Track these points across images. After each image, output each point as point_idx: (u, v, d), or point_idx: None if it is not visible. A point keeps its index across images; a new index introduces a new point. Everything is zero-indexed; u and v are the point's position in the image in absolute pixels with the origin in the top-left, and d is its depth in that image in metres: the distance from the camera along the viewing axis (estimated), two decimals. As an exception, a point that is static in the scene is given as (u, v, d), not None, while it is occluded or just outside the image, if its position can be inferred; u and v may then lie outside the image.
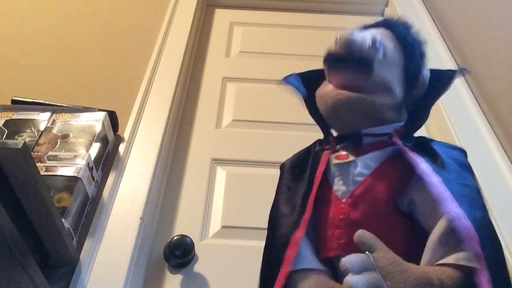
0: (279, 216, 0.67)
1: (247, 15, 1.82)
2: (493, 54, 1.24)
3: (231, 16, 1.82)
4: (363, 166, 0.63)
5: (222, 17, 1.81)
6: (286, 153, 0.77)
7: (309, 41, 1.69)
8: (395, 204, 0.61)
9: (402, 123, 0.67)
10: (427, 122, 0.70)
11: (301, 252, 0.62)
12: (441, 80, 0.67)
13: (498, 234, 0.56)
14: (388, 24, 0.71)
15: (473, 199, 0.57)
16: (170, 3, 1.68)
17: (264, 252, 0.67)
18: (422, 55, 0.69)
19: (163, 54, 1.46)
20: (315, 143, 0.74)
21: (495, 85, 1.20)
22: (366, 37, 0.65)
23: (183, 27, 1.57)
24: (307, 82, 0.74)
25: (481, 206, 0.57)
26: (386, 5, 1.82)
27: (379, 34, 0.68)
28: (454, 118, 1.24)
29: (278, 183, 0.72)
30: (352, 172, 0.64)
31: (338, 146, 0.68)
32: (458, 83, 1.34)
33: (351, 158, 0.65)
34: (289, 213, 0.65)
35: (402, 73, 0.66)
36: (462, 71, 0.67)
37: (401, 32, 0.69)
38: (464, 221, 0.52)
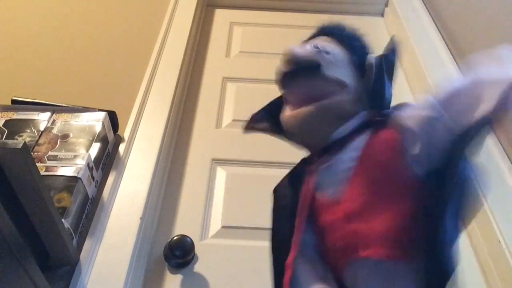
0: (276, 241, 0.67)
1: (247, 15, 1.82)
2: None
3: (231, 16, 1.82)
4: (349, 152, 0.63)
5: (222, 17, 1.81)
6: (286, 153, 0.77)
7: (309, 41, 1.69)
8: (402, 170, 0.59)
9: (364, 112, 0.67)
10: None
11: (299, 277, 0.62)
12: (387, 57, 0.68)
13: (498, 235, 0.55)
14: (324, 31, 0.75)
15: None
16: (170, 3, 1.68)
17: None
18: (362, 46, 0.72)
19: (163, 54, 1.46)
20: (300, 162, 0.74)
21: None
22: (305, 47, 0.70)
23: (183, 27, 1.57)
24: (273, 113, 0.77)
25: None
26: (386, 5, 1.83)
27: (318, 40, 0.72)
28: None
29: (272, 208, 0.72)
30: (339, 165, 0.63)
31: (320, 158, 0.68)
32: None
33: (334, 157, 0.65)
34: (282, 239, 0.65)
35: (349, 66, 0.68)
36: (394, 43, 0.69)
37: (337, 33, 0.73)
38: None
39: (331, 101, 0.65)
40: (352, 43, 0.71)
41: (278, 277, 0.64)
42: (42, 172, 0.92)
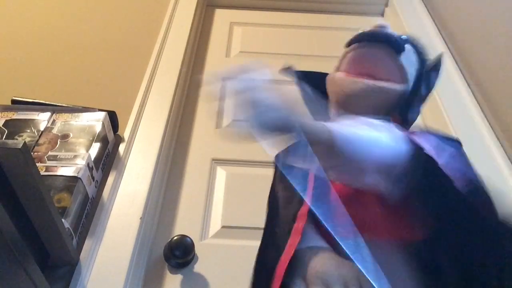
0: (280, 198, 0.68)
1: (247, 15, 1.82)
2: (493, 53, 1.24)
3: (231, 16, 1.82)
4: None
5: (222, 17, 1.81)
6: (286, 153, 0.77)
7: (309, 41, 1.69)
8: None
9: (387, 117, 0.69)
10: (424, 118, 0.72)
11: (306, 231, 0.63)
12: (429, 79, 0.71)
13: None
14: (408, 40, 0.76)
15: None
16: (170, 3, 1.68)
17: (265, 232, 0.67)
18: (426, 65, 0.74)
19: (163, 54, 1.46)
20: None
21: (494, 84, 1.20)
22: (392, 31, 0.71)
23: (183, 27, 1.57)
24: (307, 79, 0.77)
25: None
26: (386, 5, 1.82)
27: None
28: (453, 118, 1.24)
29: (275, 171, 0.73)
30: None
31: None
32: (458, 83, 1.34)
33: None
34: (291, 195, 0.66)
35: (415, 75, 0.70)
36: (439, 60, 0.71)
37: (417, 45, 0.75)
38: None
39: (392, 89, 0.66)
40: (425, 60, 0.73)
41: (269, 237, 0.65)
42: (42, 172, 0.92)
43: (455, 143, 0.67)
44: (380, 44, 0.68)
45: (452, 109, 1.26)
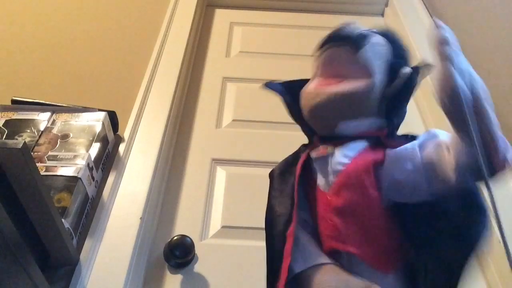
0: (274, 217, 0.68)
1: (247, 15, 1.82)
2: (493, 53, 1.24)
3: (231, 16, 1.82)
4: (341, 155, 0.65)
5: (222, 17, 1.81)
6: (286, 153, 0.77)
7: (309, 41, 1.68)
8: (378, 189, 0.62)
9: (378, 119, 0.68)
10: (425, 119, 0.71)
11: (308, 249, 0.63)
12: (411, 77, 0.68)
13: (498, 235, 0.56)
14: (381, 33, 0.74)
15: None
16: (170, 3, 1.68)
17: (266, 253, 0.68)
18: (403, 55, 0.72)
19: (163, 54, 1.46)
20: (299, 148, 0.75)
21: (495, 84, 1.20)
22: (359, 26, 0.70)
23: (183, 27, 1.57)
24: (290, 90, 0.77)
25: None
26: (386, 5, 1.82)
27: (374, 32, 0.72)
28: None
29: (269, 189, 0.74)
30: (331, 163, 0.65)
31: (321, 144, 0.70)
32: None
33: (329, 150, 0.66)
34: (283, 212, 0.66)
35: (385, 66, 0.68)
36: (426, 66, 0.69)
37: (391, 36, 0.73)
38: None
39: (354, 90, 0.65)
40: (397, 47, 0.71)
41: (272, 249, 0.65)
42: (42, 172, 0.92)
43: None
44: (340, 44, 0.68)
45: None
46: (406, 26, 1.61)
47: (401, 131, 0.70)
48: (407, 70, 0.67)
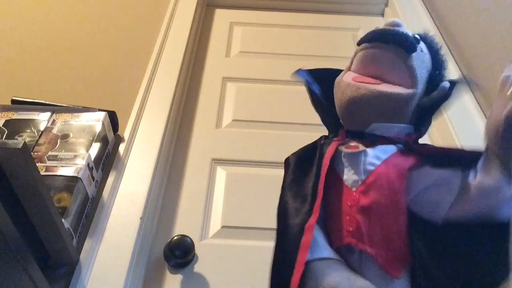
0: (289, 208, 0.67)
1: (247, 15, 1.82)
2: (493, 54, 1.24)
3: (231, 16, 1.82)
4: (373, 156, 0.64)
5: (222, 17, 1.81)
6: (286, 153, 0.77)
7: (309, 41, 1.69)
8: (406, 195, 0.61)
9: (409, 126, 0.68)
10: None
11: (317, 241, 0.62)
12: (448, 92, 0.68)
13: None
14: (422, 37, 0.73)
15: None
16: (170, 3, 1.68)
17: (276, 245, 0.66)
18: (443, 68, 0.72)
19: (163, 54, 1.46)
20: (320, 138, 0.74)
21: (495, 85, 1.20)
22: (406, 29, 0.69)
23: (183, 27, 1.57)
24: (317, 78, 0.75)
25: None
26: (386, 5, 1.82)
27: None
28: (454, 118, 1.24)
29: (284, 177, 0.72)
30: (363, 161, 0.64)
31: (347, 139, 0.69)
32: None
33: (361, 148, 0.65)
34: (300, 205, 0.65)
35: (426, 75, 0.68)
36: (468, 82, 0.69)
37: (433, 44, 0.72)
38: None
39: (396, 94, 0.64)
40: (439, 59, 0.71)
41: (282, 239, 0.64)
42: (42, 172, 0.92)
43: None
44: (389, 45, 0.66)
45: (452, 109, 1.26)
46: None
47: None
48: (446, 85, 0.67)
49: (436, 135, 1.29)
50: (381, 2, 1.83)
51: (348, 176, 0.65)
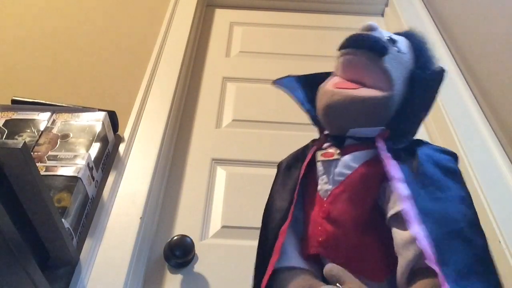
0: (273, 212, 0.68)
1: (247, 15, 1.82)
2: (493, 53, 1.24)
3: (231, 16, 1.82)
4: (344, 166, 0.64)
5: (222, 17, 1.81)
6: (286, 153, 0.77)
7: (309, 41, 1.69)
8: (374, 206, 0.61)
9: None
10: (427, 123, 0.70)
11: (286, 249, 0.63)
12: (428, 85, 0.66)
13: (498, 235, 0.56)
14: (407, 35, 0.73)
15: (441, 215, 0.55)
16: (170, 3, 1.68)
17: (258, 248, 0.68)
18: (430, 66, 0.70)
19: (163, 54, 1.46)
20: (312, 141, 0.75)
21: (495, 85, 1.20)
22: (382, 32, 0.68)
23: (183, 27, 1.57)
24: (307, 82, 0.75)
25: (451, 220, 0.54)
26: (386, 5, 1.82)
27: (396, 36, 0.70)
28: (454, 118, 1.24)
29: (274, 180, 0.73)
30: (333, 172, 0.65)
31: (326, 144, 0.69)
32: (458, 83, 1.34)
33: (336, 156, 0.65)
34: (282, 208, 0.66)
35: (407, 75, 0.67)
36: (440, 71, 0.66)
37: (418, 42, 0.71)
38: (422, 243, 0.51)
39: (371, 97, 0.63)
40: (424, 55, 0.70)
41: (264, 245, 0.65)
42: (42, 172, 0.92)
43: (449, 157, 0.63)
44: (362, 50, 0.66)
45: (452, 109, 1.26)
46: (406, 26, 1.61)
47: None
48: (425, 81, 0.66)
49: (436, 135, 1.29)
50: (381, 2, 1.83)
51: (321, 185, 0.66)
